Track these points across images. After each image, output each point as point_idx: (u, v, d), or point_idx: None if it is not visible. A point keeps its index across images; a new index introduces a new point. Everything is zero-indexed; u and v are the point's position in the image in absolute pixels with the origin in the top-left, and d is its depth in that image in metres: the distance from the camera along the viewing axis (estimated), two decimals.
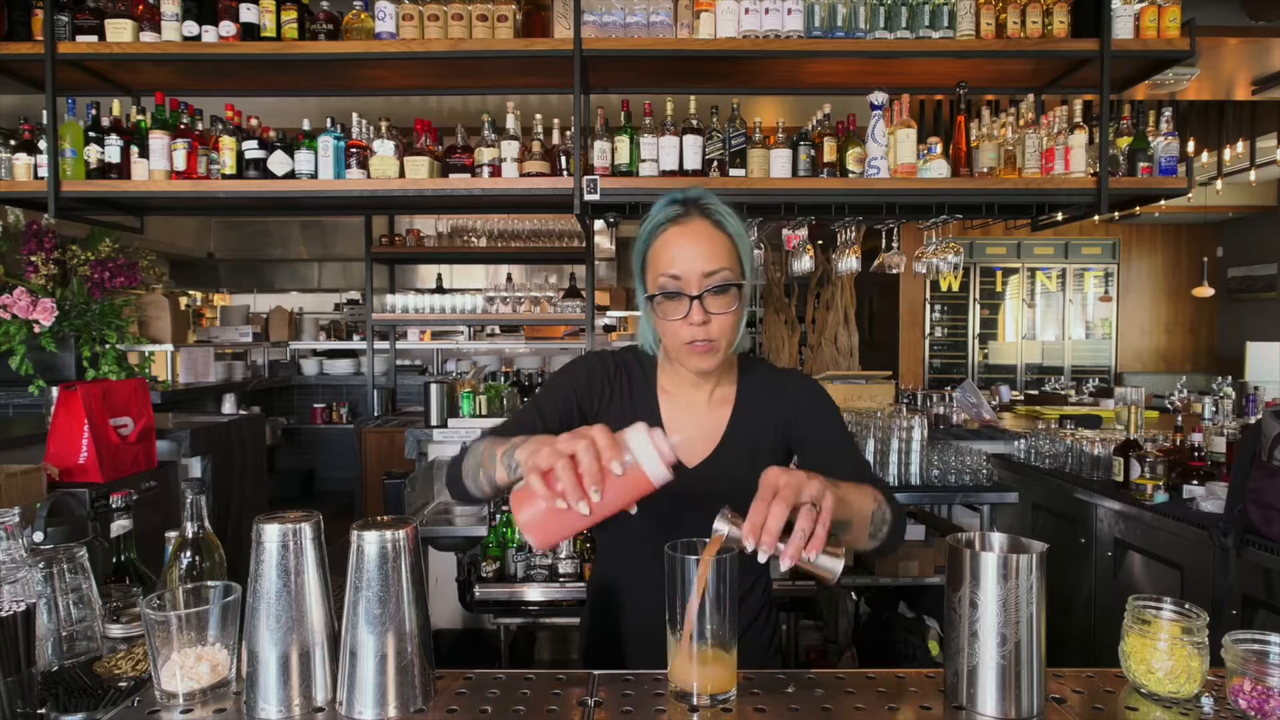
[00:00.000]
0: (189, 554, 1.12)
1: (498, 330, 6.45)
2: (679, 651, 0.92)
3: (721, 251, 1.12)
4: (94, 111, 2.66)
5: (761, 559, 0.84)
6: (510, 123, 2.71)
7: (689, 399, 1.25)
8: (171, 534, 1.16)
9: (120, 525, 1.24)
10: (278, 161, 2.62)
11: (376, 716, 0.87)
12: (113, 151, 2.61)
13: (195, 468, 2.61)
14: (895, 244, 3.09)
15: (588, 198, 2.59)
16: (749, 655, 0.94)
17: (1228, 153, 5.38)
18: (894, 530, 1.10)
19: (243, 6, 2.53)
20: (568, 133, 2.74)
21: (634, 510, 0.87)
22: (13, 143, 2.65)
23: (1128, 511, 2.58)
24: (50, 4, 2.49)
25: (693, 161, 2.63)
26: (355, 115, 2.76)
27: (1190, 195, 2.82)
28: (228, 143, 2.62)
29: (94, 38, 2.54)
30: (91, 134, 2.61)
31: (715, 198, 1.16)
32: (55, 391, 2.25)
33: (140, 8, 2.55)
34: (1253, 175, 5.65)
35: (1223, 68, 3.90)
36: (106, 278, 2.93)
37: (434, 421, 3.20)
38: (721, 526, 0.91)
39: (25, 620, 0.93)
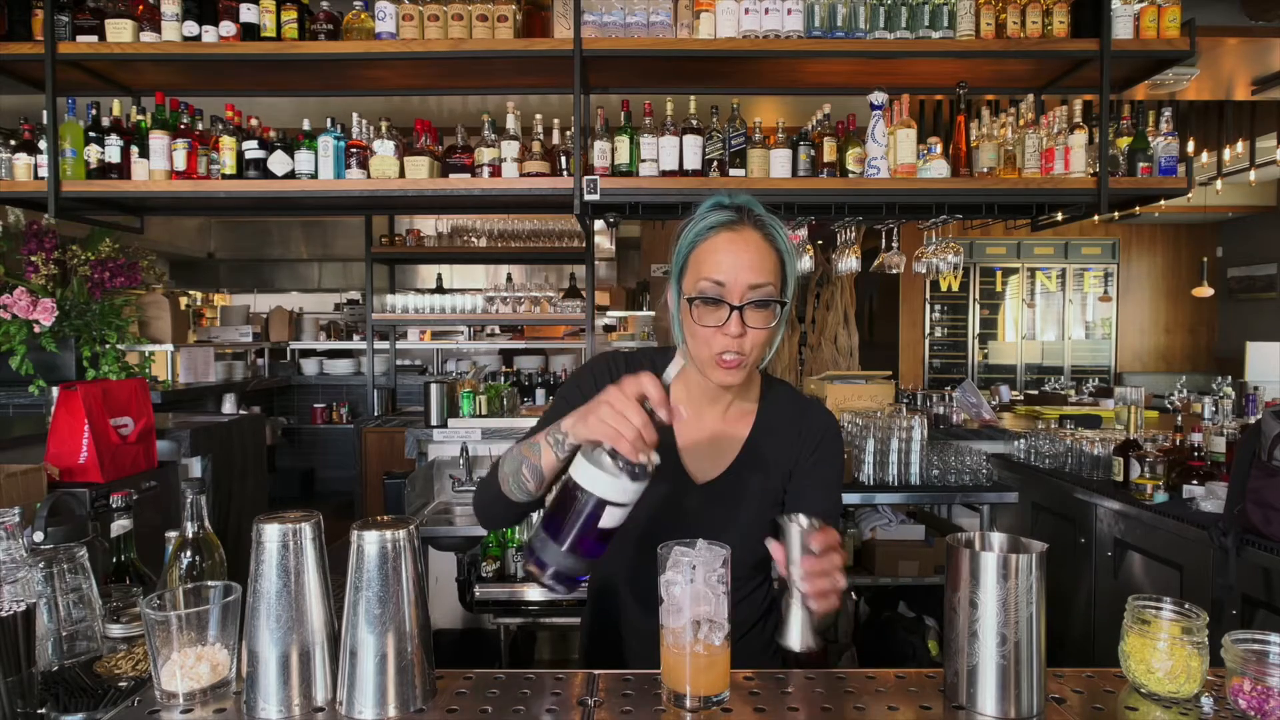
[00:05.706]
0: (189, 554, 1.12)
1: (498, 330, 6.46)
2: (666, 652, 0.92)
3: (770, 266, 1.09)
4: (94, 111, 2.66)
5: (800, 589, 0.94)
6: (510, 123, 2.71)
7: (700, 410, 1.22)
8: (171, 534, 1.16)
9: (120, 525, 1.25)
10: (278, 161, 2.62)
11: (376, 716, 0.87)
12: (113, 151, 2.61)
13: (195, 468, 2.61)
14: (895, 244, 3.09)
15: (588, 198, 2.59)
16: (749, 655, 0.94)
17: (1227, 153, 5.37)
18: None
19: (243, 6, 2.53)
20: (568, 133, 2.74)
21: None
22: (13, 143, 2.65)
23: (1127, 511, 2.58)
24: (50, 4, 2.49)
25: (693, 161, 2.63)
26: (355, 115, 2.76)
27: (1190, 195, 2.81)
28: (228, 143, 2.62)
29: (94, 38, 2.54)
30: (91, 134, 2.61)
31: (762, 208, 1.14)
32: (55, 391, 2.25)
33: (140, 8, 2.55)
34: (1252, 175, 5.65)
35: (1222, 68, 3.90)
36: (106, 278, 2.93)
37: (434, 421, 3.21)
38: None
39: (25, 620, 0.93)
